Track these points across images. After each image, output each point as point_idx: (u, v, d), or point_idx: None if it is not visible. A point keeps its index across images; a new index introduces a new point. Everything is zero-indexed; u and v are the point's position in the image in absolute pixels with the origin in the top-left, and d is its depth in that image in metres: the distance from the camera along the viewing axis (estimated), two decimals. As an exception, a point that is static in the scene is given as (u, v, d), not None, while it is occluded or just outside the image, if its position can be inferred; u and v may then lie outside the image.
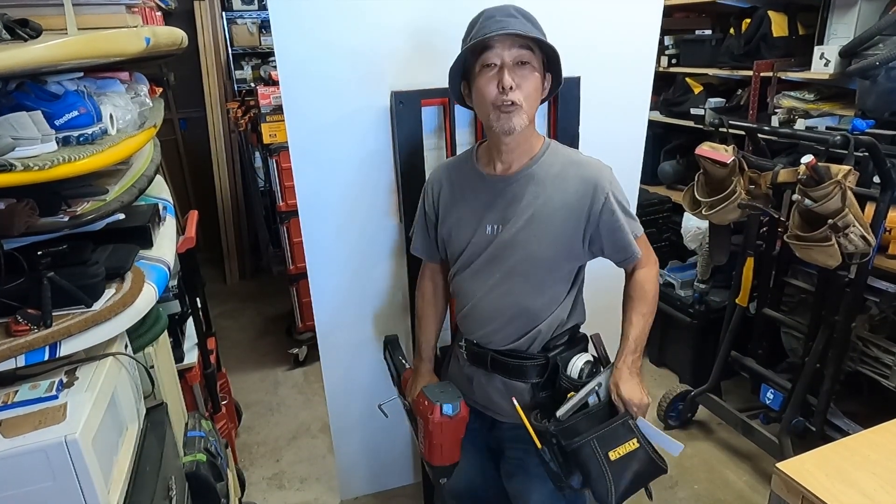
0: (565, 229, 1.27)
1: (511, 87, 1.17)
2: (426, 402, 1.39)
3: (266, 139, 2.81)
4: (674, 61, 3.09)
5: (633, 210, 1.37)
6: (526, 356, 1.36)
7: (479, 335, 1.39)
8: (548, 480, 1.31)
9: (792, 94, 2.45)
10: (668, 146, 3.19)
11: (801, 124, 2.35)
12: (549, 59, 1.24)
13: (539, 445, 1.25)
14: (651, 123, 2.14)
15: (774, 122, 2.45)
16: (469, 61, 1.24)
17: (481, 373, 1.41)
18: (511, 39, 1.17)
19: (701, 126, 2.70)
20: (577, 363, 1.33)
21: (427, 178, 1.48)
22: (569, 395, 1.27)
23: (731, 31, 2.71)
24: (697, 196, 2.12)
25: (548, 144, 1.32)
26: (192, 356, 1.84)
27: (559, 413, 1.24)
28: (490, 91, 1.20)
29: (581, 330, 1.44)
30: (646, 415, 1.29)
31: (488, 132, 1.30)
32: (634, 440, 1.23)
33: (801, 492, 1.08)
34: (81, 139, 1.19)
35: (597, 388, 1.29)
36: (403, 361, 1.72)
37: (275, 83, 2.89)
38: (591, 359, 1.35)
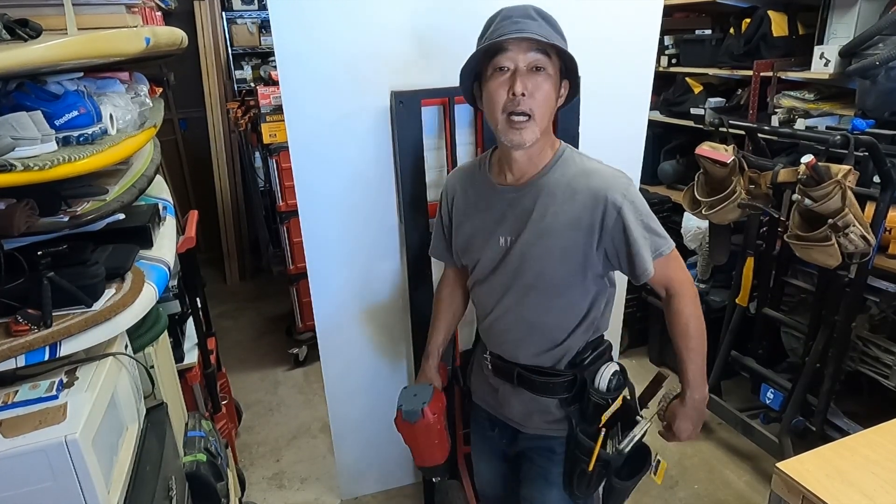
0: (576, 245, 1.18)
1: (523, 94, 1.10)
2: (397, 408, 1.41)
3: (266, 139, 2.81)
4: (674, 61, 3.09)
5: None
6: (553, 373, 1.29)
7: (502, 349, 1.33)
8: (562, 487, 1.34)
9: (792, 93, 2.45)
10: (668, 146, 3.19)
11: (801, 124, 2.35)
12: (567, 65, 1.16)
13: (590, 468, 1.25)
14: (651, 123, 2.14)
15: (774, 121, 2.45)
16: (482, 62, 1.16)
17: (507, 386, 1.34)
18: (527, 43, 1.09)
19: (701, 126, 2.70)
20: (605, 375, 1.26)
21: (445, 182, 1.42)
22: (634, 429, 1.25)
23: (731, 30, 2.70)
24: (697, 196, 2.13)
25: (561, 153, 1.23)
26: (192, 356, 1.84)
27: (623, 446, 1.24)
28: (500, 96, 1.12)
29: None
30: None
31: (498, 142, 1.23)
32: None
33: (802, 492, 1.08)
34: (81, 139, 1.19)
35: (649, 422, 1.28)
36: None
37: (275, 83, 2.89)
38: (618, 367, 1.29)
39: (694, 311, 1.25)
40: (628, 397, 1.28)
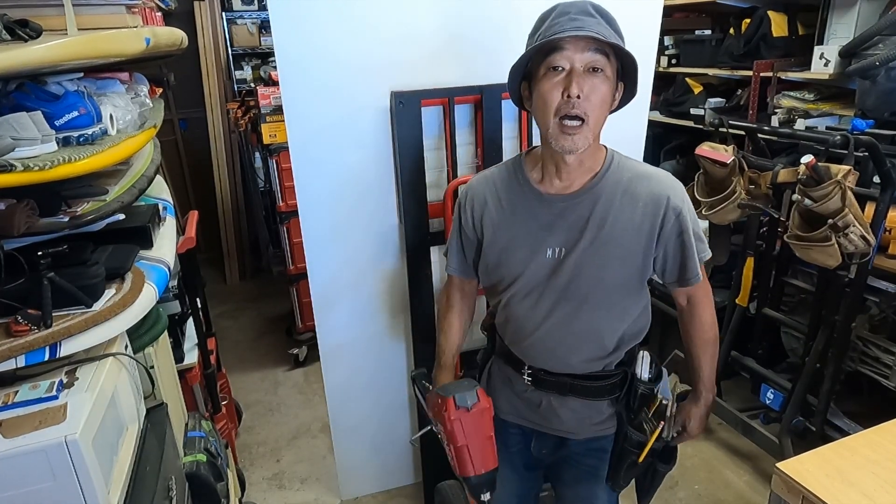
0: (636, 249, 1.16)
1: (578, 96, 1.03)
2: (439, 400, 1.24)
3: (266, 139, 2.81)
4: (674, 61, 3.09)
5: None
6: (605, 375, 1.27)
7: (548, 364, 1.27)
8: (605, 481, 1.36)
9: (792, 94, 2.45)
10: (668, 146, 3.18)
11: (801, 124, 2.34)
12: (624, 67, 1.10)
13: (640, 459, 1.28)
14: (651, 123, 2.14)
15: (774, 122, 2.44)
16: (534, 61, 1.09)
17: (553, 398, 1.29)
18: (585, 42, 1.03)
19: (701, 126, 2.69)
20: (645, 364, 1.29)
21: (463, 191, 1.31)
22: (662, 422, 1.29)
23: (731, 31, 2.70)
24: (697, 196, 2.13)
25: (611, 157, 1.19)
26: (192, 356, 1.84)
27: (665, 435, 1.27)
28: (554, 97, 1.06)
29: None
30: None
31: (545, 146, 1.16)
32: None
33: (802, 492, 1.08)
34: (81, 139, 1.20)
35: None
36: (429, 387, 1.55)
37: (275, 83, 2.89)
38: (646, 353, 1.31)
39: (714, 318, 1.28)
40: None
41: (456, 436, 1.23)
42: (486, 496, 1.28)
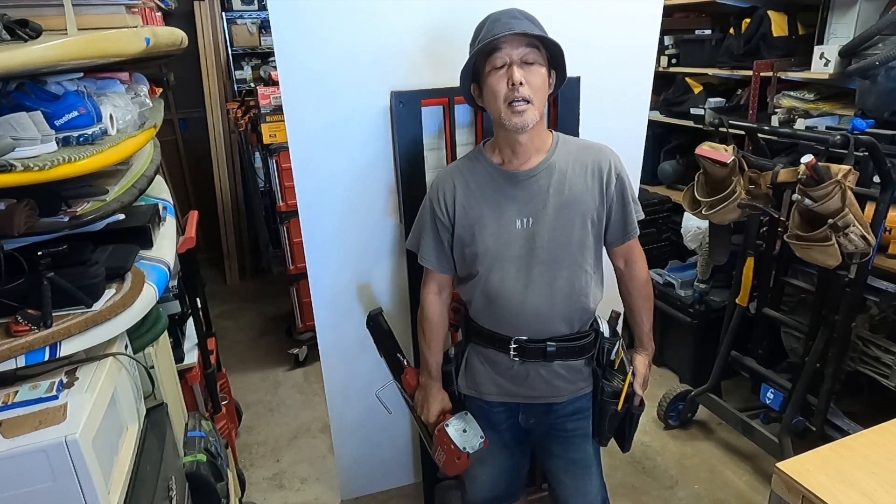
0: (592, 207, 1.34)
1: (521, 83, 1.22)
2: (452, 446, 1.46)
3: (266, 139, 2.81)
4: (674, 61, 3.09)
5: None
6: (580, 336, 1.41)
7: (532, 331, 1.38)
8: (592, 437, 1.51)
9: (792, 93, 2.45)
10: (668, 146, 3.19)
11: (801, 124, 2.35)
12: (552, 56, 1.30)
13: (619, 407, 1.45)
14: (651, 123, 2.14)
15: (774, 121, 2.45)
16: (479, 63, 1.28)
17: (539, 365, 1.41)
18: (518, 39, 1.23)
19: (701, 126, 2.70)
20: (604, 325, 1.47)
21: (433, 184, 1.44)
22: (629, 376, 1.47)
23: (731, 30, 2.71)
24: (697, 196, 2.12)
25: (557, 136, 1.38)
26: (192, 356, 1.84)
27: (635, 386, 1.47)
28: (501, 88, 1.24)
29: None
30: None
31: (500, 130, 1.33)
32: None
33: (802, 492, 1.08)
34: (81, 139, 1.20)
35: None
36: (399, 356, 1.71)
37: (275, 83, 2.89)
38: (601, 317, 1.48)
39: (648, 276, 1.49)
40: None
41: (459, 468, 1.49)
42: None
